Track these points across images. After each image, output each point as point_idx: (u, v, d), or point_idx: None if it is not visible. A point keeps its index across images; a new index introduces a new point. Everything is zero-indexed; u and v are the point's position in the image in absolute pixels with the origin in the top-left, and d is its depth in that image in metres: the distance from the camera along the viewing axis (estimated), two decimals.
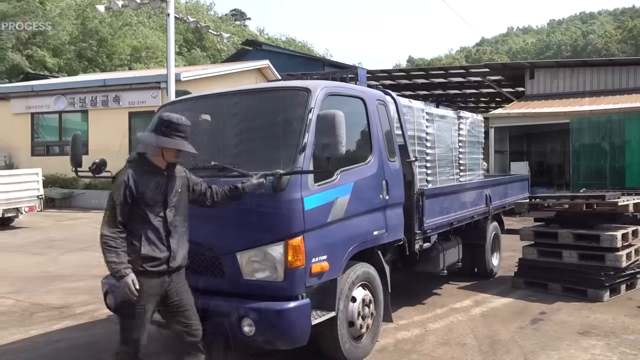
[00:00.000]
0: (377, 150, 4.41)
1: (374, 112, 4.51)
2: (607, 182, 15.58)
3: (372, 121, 4.45)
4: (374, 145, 4.39)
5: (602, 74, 19.26)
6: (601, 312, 5.49)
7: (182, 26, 35.18)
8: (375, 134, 4.45)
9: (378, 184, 4.36)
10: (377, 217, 4.37)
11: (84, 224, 13.28)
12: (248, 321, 3.41)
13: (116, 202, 3.07)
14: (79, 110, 18.00)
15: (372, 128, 4.43)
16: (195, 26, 15.96)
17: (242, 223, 3.57)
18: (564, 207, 6.48)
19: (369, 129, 4.42)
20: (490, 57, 70.11)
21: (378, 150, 4.42)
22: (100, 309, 5.41)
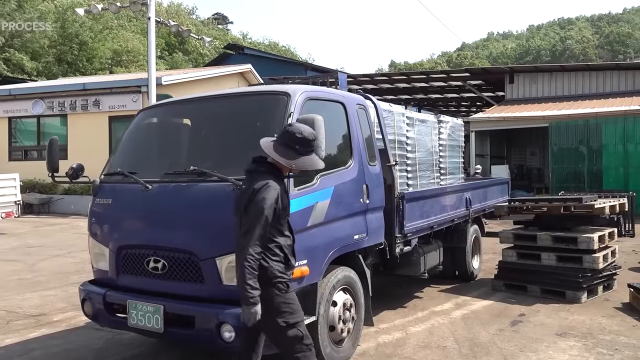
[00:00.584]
0: (357, 155, 4.43)
1: (354, 117, 4.53)
2: (585, 185, 15.87)
3: (352, 125, 4.47)
4: (354, 149, 4.41)
5: (580, 78, 19.63)
6: (579, 313, 5.57)
7: (164, 30, 35.02)
8: (356, 138, 4.46)
9: (358, 188, 4.38)
10: (357, 221, 4.38)
11: (63, 229, 13.07)
12: (228, 327, 3.38)
13: (267, 219, 2.91)
14: (58, 114, 17.73)
15: (352, 132, 4.45)
16: (177, 30, 15.86)
17: (221, 228, 3.54)
18: (543, 209, 6.58)
19: (349, 133, 4.43)
20: (471, 61, 70.91)
21: (358, 155, 4.43)
22: (78, 317, 5.34)
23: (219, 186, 3.57)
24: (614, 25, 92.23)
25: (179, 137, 4.57)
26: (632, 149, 15.49)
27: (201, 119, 4.37)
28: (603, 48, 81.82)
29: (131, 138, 4.60)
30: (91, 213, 4.27)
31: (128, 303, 3.79)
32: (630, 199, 10.81)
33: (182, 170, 3.81)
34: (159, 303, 3.64)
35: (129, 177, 4.00)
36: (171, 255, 3.71)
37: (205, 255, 3.55)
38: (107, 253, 4.07)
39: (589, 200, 6.45)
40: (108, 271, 4.10)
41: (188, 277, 3.65)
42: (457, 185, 6.98)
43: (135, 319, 3.74)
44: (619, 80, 19.03)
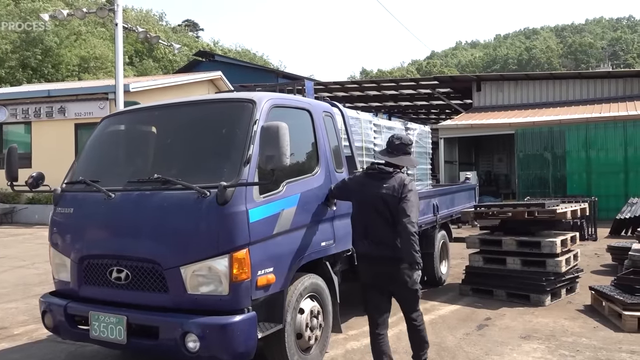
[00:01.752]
0: (324, 161, 4.44)
1: (320, 124, 4.55)
2: (550, 190, 16.27)
3: (318, 132, 4.48)
4: (321, 156, 4.42)
5: (544, 87, 20.17)
6: (543, 316, 5.69)
7: (133, 36, 34.53)
8: (322, 145, 4.48)
9: (325, 194, 4.38)
10: (324, 228, 4.39)
11: (26, 240, 12.71)
12: (192, 337, 3.34)
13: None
14: (21, 121, 17.29)
15: (319, 139, 4.46)
16: (145, 36, 15.70)
17: (186, 236, 3.50)
18: (507, 215, 6.71)
19: (315, 140, 4.44)
20: (441, 70, 72.14)
21: (325, 161, 4.44)
22: (40, 329, 5.18)
23: (183, 194, 3.54)
24: (577, 35, 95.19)
25: (143, 144, 4.51)
26: (594, 156, 15.96)
27: (166, 126, 4.33)
28: (567, 57, 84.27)
29: (94, 146, 4.52)
30: (52, 223, 4.18)
31: (90, 314, 3.71)
32: (592, 203, 11.14)
33: (146, 178, 3.76)
34: (122, 314, 3.58)
35: (91, 185, 3.93)
36: (134, 264, 3.65)
37: (169, 264, 3.51)
38: (68, 263, 3.98)
39: (551, 205, 6.61)
40: (70, 282, 4.01)
41: (152, 286, 3.60)
42: (424, 192, 7.06)
43: (97, 330, 3.66)
44: (581, 88, 19.62)
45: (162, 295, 3.56)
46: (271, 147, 3.27)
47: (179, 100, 4.52)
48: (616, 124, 15.62)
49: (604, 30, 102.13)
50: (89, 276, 3.88)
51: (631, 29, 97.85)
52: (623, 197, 14.44)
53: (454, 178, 18.47)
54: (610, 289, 5.73)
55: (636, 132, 15.42)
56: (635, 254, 6.22)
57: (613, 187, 15.53)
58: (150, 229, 3.66)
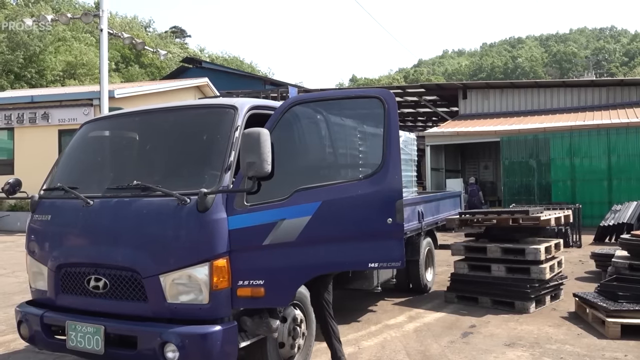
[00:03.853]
0: (386, 165, 3.87)
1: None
2: (535, 197, 16.39)
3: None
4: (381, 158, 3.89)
5: (529, 95, 20.39)
6: (527, 323, 5.69)
7: (120, 43, 34.33)
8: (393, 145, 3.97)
9: (382, 203, 3.79)
10: (375, 244, 3.79)
11: (8, 247, 12.49)
12: (171, 347, 3.26)
13: None
14: (4, 127, 17.05)
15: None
16: (130, 42, 15.60)
17: (165, 244, 3.44)
18: (492, 222, 6.72)
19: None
20: (427, 77, 72.70)
21: (386, 165, 3.88)
22: (19, 339, 5.03)
23: (163, 201, 3.48)
24: (561, 45, 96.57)
25: (124, 150, 4.44)
26: (578, 163, 16.12)
27: (147, 132, 4.26)
28: (552, 66, 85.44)
29: (74, 151, 4.44)
30: (29, 230, 4.10)
31: (67, 324, 3.62)
32: (576, 210, 11.23)
33: (126, 185, 3.69)
34: (100, 323, 3.49)
35: (69, 192, 3.86)
36: (113, 273, 3.57)
37: (148, 272, 3.44)
38: (45, 272, 3.90)
39: (535, 213, 6.63)
40: (47, 291, 3.92)
41: (130, 295, 3.52)
42: (409, 199, 7.04)
43: (74, 340, 3.58)
44: (565, 97, 19.86)
45: (141, 304, 3.49)
46: (252, 153, 3.22)
47: (160, 106, 4.46)
48: (600, 132, 15.81)
49: (588, 40, 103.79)
50: (66, 285, 3.79)
51: (614, 39, 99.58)
52: (607, 205, 14.60)
53: (440, 185, 18.55)
54: (594, 295, 5.75)
55: (619, 140, 15.62)
56: (618, 261, 6.26)
57: (597, 194, 15.69)
58: (129, 237, 3.59)
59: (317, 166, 4.00)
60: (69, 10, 37.79)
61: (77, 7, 49.33)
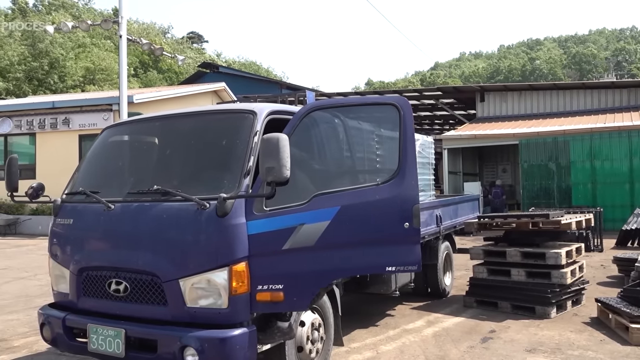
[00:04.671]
0: (401, 170, 3.99)
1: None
2: (555, 201, 16.17)
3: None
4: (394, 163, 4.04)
5: (548, 97, 20.15)
6: (548, 328, 5.61)
7: (138, 48, 34.81)
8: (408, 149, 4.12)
9: (399, 208, 3.92)
10: (394, 249, 3.94)
11: (30, 251, 12.70)
12: (191, 350, 3.28)
13: None
14: (26, 133, 17.37)
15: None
16: (149, 48, 15.79)
17: (184, 249, 3.47)
18: (511, 226, 6.64)
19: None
20: (444, 80, 72.28)
21: (402, 170, 4.00)
22: (41, 341, 5.12)
23: (183, 206, 3.51)
24: (580, 46, 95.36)
25: (144, 155, 4.49)
26: (599, 166, 15.87)
27: (167, 137, 4.31)
28: (570, 68, 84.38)
29: (95, 156, 4.51)
30: (51, 234, 4.15)
31: (88, 327, 3.66)
32: (597, 214, 11.05)
33: (146, 189, 3.74)
34: (120, 327, 3.53)
35: (91, 196, 3.91)
36: (133, 277, 3.61)
37: (168, 277, 3.46)
38: (67, 275, 3.95)
39: (555, 216, 6.54)
40: (69, 294, 3.97)
41: (150, 299, 3.55)
42: (427, 202, 7.00)
43: (95, 343, 3.62)
44: (585, 99, 19.59)
45: (160, 308, 3.52)
46: (271, 159, 3.23)
47: (180, 111, 4.51)
48: (621, 134, 15.56)
49: (608, 41, 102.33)
50: (87, 288, 3.84)
51: (635, 40, 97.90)
52: (629, 208, 14.35)
53: (457, 189, 18.42)
54: (616, 301, 5.65)
55: None
56: None
57: (619, 197, 15.42)
58: (149, 241, 3.62)
59: (333, 171, 4.07)
60: (87, 17, 38.49)
61: (96, 14, 50.13)
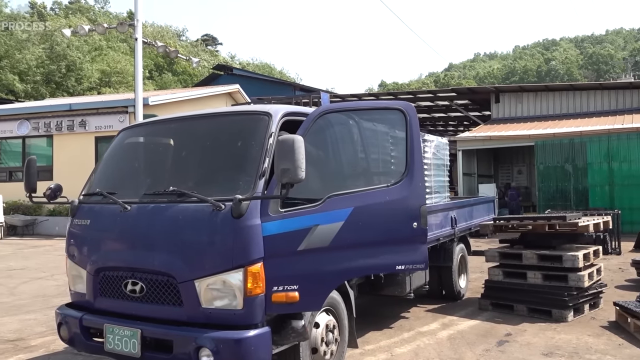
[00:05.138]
0: (410, 171, 4.33)
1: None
2: (571, 203, 15.96)
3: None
4: (405, 165, 4.35)
5: (564, 98, 19.91)
6: (565, 332, 5.54)
7: (153, 51, 35.14)
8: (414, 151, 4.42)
9: (411, 209, 4.28)
10: (403, 248, 4.30)
11: (47, 251, 12.87)
12: (206, 351, 3.30)
13: None
14: (43, 135, 17.63)
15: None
16: (164, 50, 15.92)
17: (200, 250, 3.48)
18: (527, 228, 6.57)
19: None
20: (458, 81, 71.82)
21: (411, 171, 4.34)
22: (58, 341, 5.19)
23: (198, 207, 3.52)
24: (597, 46, 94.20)
25: (160, 156, 4.53)
26: (617, 167, 15.65)
27: (183, 138, 4.34)
28: (587, 68, 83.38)
29: (112, 157, 4.55)
30: (69, 234, 4.20)
31: (105, 327, 3.70)
32: (615, 216, 10.88)
33: (162, 190, 3.77)
34: (136, 327, 3.56)
35: (107, 197, 3.95)
36: (149, 277, 3.64)
37: (183, 277, 3.48)
38: (84, 275, 3.99)
39: (572, 218, 6.46)
40: (85, 294, 4.01)
41: (166, 300, 3.58)
42: (442, 204, 6.96)
43: (112, 343, 3.65)
44: (602, 99, 19.33)
45: (176, 308, 3.54)
46: (286, 160, 3.24)
47: (196, 113, 4.54)
48: (639, 135, 15.32)
49: (626, 41, 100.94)
50: (104, 288, 3.88)
51: None
52: None
53: (472, 190, 18.29)
54: (635, 304, 5.55)
55: None
56: None
57: (637, 199, 15.18)
58: (165, 242, 3.64)
59: (344, 173, 4.16)
60: (103, 20, 38.97)
61: (112, 17, 50.72)
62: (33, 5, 48.68)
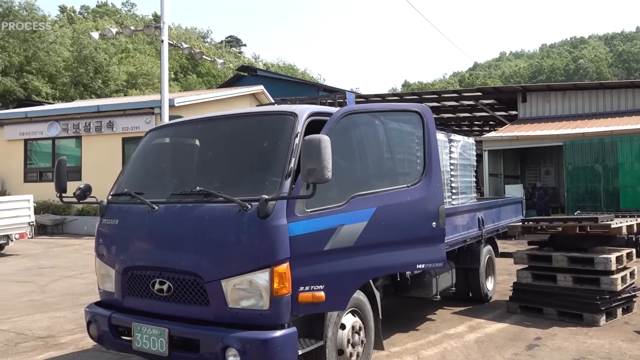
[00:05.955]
0: (428, 172, 4.46)
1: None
2: (601, 204, 15.57)
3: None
4: (424, 165, 4.47)
5: (594, 97, 19.45)
6: (597, 337, 5.39)
7: (178, 53, 35.61)
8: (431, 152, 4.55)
9: (431, 209, 4.41)
10: (423, 248, 4.40)
11: (76, 250, 13.13)
12: (232, 351, 3.30)
13: None
14: (72, 136, 17.99)
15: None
16: (189, 52, 16.07)
17: (226, 250, 3.49)
18: (557, 229, 6.43)
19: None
20: (484, 81, 70.86)
21: (429, 172, 4.47)
22: (86, 338, 5.25)
23: (225, 207, 3.53)
24: (628, 44, 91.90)
25: (186, 157, 4.57)
26: None
27: (209, 139, 4.37)
28: (617, 67, 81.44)
29: (139, 158, 4.60)
30: (98, 234, 4.26)
31: (133, 326, 3.74)
32: None
33: (189, 190, 3.79)
34: (164, 326, 3.58)
35: (135, 197, 3.99)
36: (176, 277, 3.66)
37: (210, 277, 3.49)
38: (113, 274, 4.04)
39: (605, 220, 6.29)
40: (114, 293, 4.06)
41: (193, 299, 3.59)
42: (469, 205, 6.86)
43: (140, 342, 3.68)
44: (634, 98, 18.81)
45: (203, 308, 3.55)
46: (313, 160, 3.22)
47: (222, 113, 4.56)
48: None
49: None
50: (132, 287, 3.92)
51: None
52: None
53: (498, 191, 18.00)
54: None
55: None
56: None
57: None
58: (192, 242, 3.66)
59: (366, 174, 4.19)
60: (130, 23, 39.62)
61: (138, 20, 51.55)
62: (63, 10, 49.84)
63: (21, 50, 32.07)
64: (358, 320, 4.13)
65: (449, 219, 5.98)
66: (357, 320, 4.12)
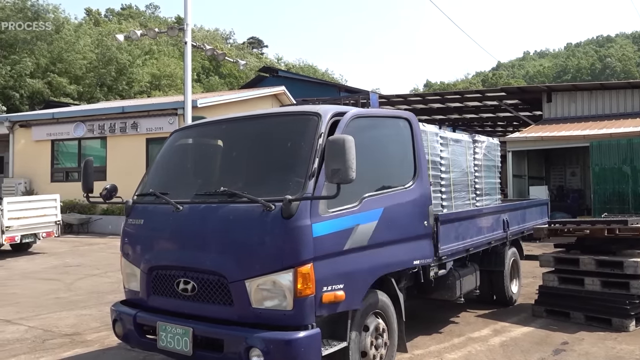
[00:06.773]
0: (422, 175, 4.65)
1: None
2: (629, 206, 15.21)
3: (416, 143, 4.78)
4: (419, 168, 4.66)
5: (621, 96, 19.03)
6: (627, 342, 5.26)
7: (201, 54, 35.96)
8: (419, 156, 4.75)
9: (423, 208, 4.63)
10: (418, 245, 4.58)
11: (101, 249, 13.34)
12: (256, 351, 3.30)
13: None
14: (98, 136, 18.29)
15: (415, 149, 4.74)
16: (212, 53, 16.22)
17: (250, 250, 3.50)
18: (585, 232, 6.29)
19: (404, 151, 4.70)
20: (507, 81, 69.87)
21: (423, 175, 4.68)
22: (112, 336, 5.33)
23: (249, 207, 3.54)
24: None
25: (211, 157, 4.60)
26: None
27: (233, 139, 4.39)
28: None
29: (164, 159, 4.65)
30: (123, 233, 4.31)
31: (158, 325, 3.77)
32: None
33: (213, 191, 3.81)
34: (188, 325, 3.61)
35: (160, 197, 4.03)
36: (201, 276, 3.68)
37: (234, 277, 3.50)
38: (138, 273, 4.09)
39: (635, 223, 6.14)
40: (139, 292, 4.10)
41: (217, 299, 3.61)
42: (493, 207, 6.77)
43: (164, 340, 3.72)
44: None
45: (227, 308, 3.57)
46: (337, 160, 3.21)
47: (245, 114, 4.57)
48: None
49: None
50: (157, 287, 3.95)
51: None
52: None
53: (522, 193, 17.74)
54: None
55: None
56: None
57: None
58: (216, 242, 3.68)
59: (373, 175, 4.22)
60: (154, 25, 40.17)
61: (161, 22, 52.22)
62: (89, 12, 50.78)
63: (47, 52, 32.75)
64: (381, 322, 4.10)
65: (473, 220, 5.93)
66: (381, 322, 4.09)
